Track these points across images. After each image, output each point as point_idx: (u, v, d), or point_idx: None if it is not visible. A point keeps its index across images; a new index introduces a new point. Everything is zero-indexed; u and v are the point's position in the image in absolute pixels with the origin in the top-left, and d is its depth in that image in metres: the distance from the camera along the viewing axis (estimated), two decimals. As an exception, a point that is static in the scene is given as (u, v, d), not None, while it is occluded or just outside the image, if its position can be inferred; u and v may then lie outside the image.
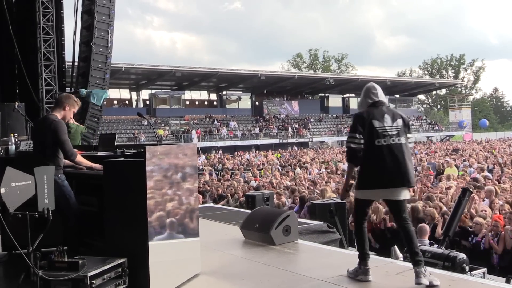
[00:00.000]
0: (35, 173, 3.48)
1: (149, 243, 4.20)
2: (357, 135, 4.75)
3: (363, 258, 4.85)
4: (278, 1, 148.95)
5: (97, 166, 4.93)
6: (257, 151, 42.55)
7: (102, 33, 14.88)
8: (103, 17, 14.87)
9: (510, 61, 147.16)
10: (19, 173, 3.36)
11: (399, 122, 4.80)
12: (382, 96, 4.97)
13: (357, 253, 4.94)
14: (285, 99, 58.32)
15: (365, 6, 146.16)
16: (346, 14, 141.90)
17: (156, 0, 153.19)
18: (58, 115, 5.13)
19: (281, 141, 49.84)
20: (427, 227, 7.31)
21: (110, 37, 15.14)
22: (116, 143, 5.96)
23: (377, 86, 5.01)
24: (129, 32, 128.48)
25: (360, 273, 4.85)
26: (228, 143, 47.14)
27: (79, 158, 4.99)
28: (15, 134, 9.30)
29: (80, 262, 3.76)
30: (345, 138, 53.34)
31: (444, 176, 13.36)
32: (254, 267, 5.54)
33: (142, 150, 4.22)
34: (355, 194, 5.06)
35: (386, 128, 4.73)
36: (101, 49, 14.93)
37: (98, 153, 5.67)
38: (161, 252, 4.38)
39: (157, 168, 4.37)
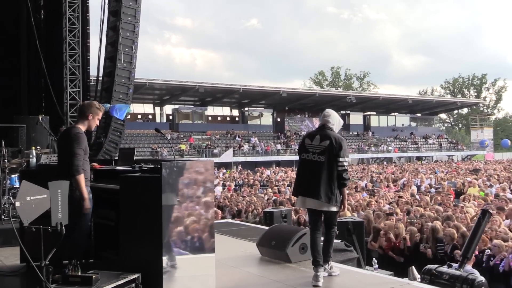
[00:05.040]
0: (50, 187, 3.49)
1: (163, 258, 4.21)
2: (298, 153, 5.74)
3: (315, 265, 5.38)
4: (295, 19, 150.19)
5: (87, 204, 4.78)
6: (277, 167, 42.49)
7: (127, 49, 15.06)
8: (128, 34, 15.04)
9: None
10: (34, 187, 3.38)
11: (326, 143, 5.39)
12: (325, 121, 5.62)
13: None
14: (306, 116, 58.36)
15: (379, 25, 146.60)
16: (361, 33, 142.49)
17: (173, 18, 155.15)
18: (82, 126, 5.05)
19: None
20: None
21: (134, 53, 15.31)
22: (137, 157, 6.00)
23: (326, 113, 5.72)
24: (149, 48, 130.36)
25: (312, 278, 5.35)
26: (249, 158, 47.18)
27: (81, 178, 4.77)
28: (38, 147, 9.49)
29: (93, 277, 3.78)
30: (365, 155, 53.66)
31: (465, 196, 13.20)
32: (269, 285, 5.51)
33: (159, 166, 4.26)
34: None
35: (313, 145, 5.47)
36: (125, 64, 15.08)
37: (117, 167, 5.72)
38: (175, 268, 4.38)
39: (173, 183, 4.40)
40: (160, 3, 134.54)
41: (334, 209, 5.41)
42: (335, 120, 5.66)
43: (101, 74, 15.58)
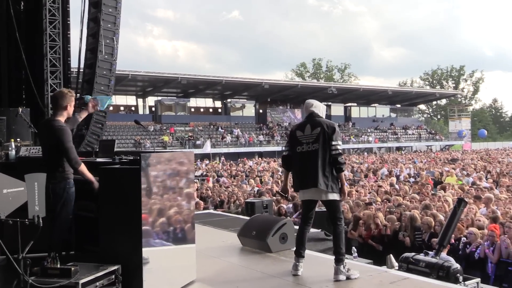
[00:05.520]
0: (26, 179, 3.47)
1: (143, 250, 4.22)
2: (285, 147, 5.77)
3: (297, 255, 5.43)
4: (276, 11, 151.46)
5: (96, 185, 4.79)
6: (260, 158, 42.67)
7: (108, 41, 14.97)
8: (109, 25, 14.96)
9: (505, 73, 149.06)
10: (11, 179, 3.36)
11: (318, 130, 5.27)
12: (311, 111, 5.48)
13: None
14: (288, 107, 58.60)
15: (359, 18, 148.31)
16: (342, 25, 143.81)
17: (154, 10, 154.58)
18: (61, 118, 4.99)
19: (283, 148, 49.85)
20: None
21: (116, 44, 15.24)
22: (119, 149, 5.99)
23: (308, 103, 5.58)
24: (131, 40, 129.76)
25: (292, 267, 5.44)
26: (232, 149, 47.24)
27: (83, 168, 4.82)
28: (18, 139, 9.41)
29: (72, 269, 3.76)
30: (346, 146, 54.16)
31: (443, 185, 13.41)
32: (249, 275, 5.60)
33: (138, 157, 4.28)
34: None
35: (305, 136, 5.33)
36: (106, 56, 14.99)
37: (97, 159, 5.73)
38: (155, 259, 4.41)
39: (152, 175, 4.42)
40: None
41: (335, 197, 5.24)
42: (319, 108, 5.52)
43: (82, 66, 15.48)
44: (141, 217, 4.21)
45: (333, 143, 5.21)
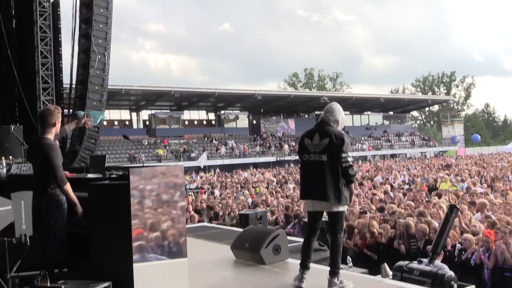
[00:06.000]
0: (12, 198, 3.45)
1: (134, 265, 4.19)
2: (298, 154, 5.49)
3: (302, 266, 5.28)
4: (266, 22, 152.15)
5: (79, 209, 4.83)
6: (254, 169, 42.68)
7: (99, 56, 14.99)
8: (100, 41, 14.99)
9: (496, 78, 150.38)
10: None
11: (326, 141, 5.12)
12: (325, 117, 5.32)
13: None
14: (282, 117, 58.74)
15: (348, 27, 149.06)
16: (332, 34, 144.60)
17: (145, 24, 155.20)
18: (50, 135, 5.01)
19: (278, 158, 50.02)
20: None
21: (107, 59, 15.27)
22: (111, 164, 5.99)
23: (330, 108, 5.40)
24: (123, 55, 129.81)
25: (296, 278, 5.28)
26: (227, 161, 47.29)
27: (68, 187, 4.82)
28: (10, 157, 9.40)
29: (62, 287, 3.74)
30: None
31: (439, 192, 13.42)
32: (243, 288, 5.58)
33: (127, 173, 4.26)
34: None
35: (313, 144, 5.20)
36: (98, 71, 15.00)
37: (88, 175, 5.71)
38: (147, 275, 4.37)
39: (142, 190, 4.39)
40: (132, 10, 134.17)
41: (342, 208, 5.18)
42: (338, 116, 5.33)
43: (74, 82, 15.50)
44: (131, 233, 4.19)
45: (343, 155, 5.10)
